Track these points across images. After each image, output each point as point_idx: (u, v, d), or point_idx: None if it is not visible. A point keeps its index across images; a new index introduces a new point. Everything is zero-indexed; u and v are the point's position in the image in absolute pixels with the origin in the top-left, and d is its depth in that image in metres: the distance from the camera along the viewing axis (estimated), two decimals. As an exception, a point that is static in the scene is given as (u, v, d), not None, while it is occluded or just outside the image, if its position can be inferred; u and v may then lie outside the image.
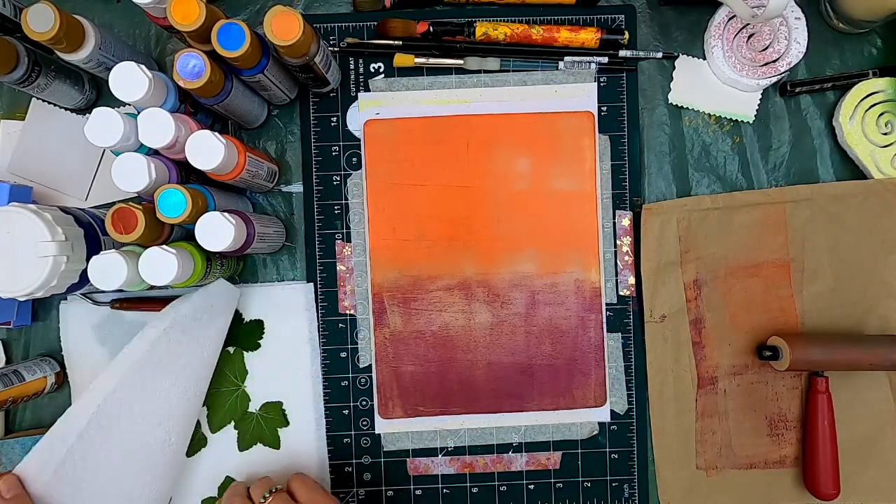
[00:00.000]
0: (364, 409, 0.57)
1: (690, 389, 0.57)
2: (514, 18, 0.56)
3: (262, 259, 0.57)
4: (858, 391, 0.56)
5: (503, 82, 0.57)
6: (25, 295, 0.43)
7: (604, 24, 0.57)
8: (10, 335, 0.57)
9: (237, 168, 0.47)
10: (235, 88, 0.48)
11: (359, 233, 0.57)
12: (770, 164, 0.57)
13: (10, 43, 0.46)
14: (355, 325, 0.57)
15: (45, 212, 0.44)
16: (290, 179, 0.57)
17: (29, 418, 0.57)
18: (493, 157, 0.56)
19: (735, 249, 0.56)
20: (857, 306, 0.57)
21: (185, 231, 0.50)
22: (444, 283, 0.57)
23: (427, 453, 0.57)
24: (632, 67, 0.57)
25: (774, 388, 0.57)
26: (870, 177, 0.56)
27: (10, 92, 0.56)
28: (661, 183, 0.58)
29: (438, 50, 0.56)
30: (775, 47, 0.55)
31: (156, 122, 0.43)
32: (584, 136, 0.57)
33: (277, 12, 0.42)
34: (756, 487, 0.57)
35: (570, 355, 0.57)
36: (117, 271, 0.43)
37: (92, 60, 0.47)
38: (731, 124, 0.58)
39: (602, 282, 0.57)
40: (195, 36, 0.44)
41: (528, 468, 0.57)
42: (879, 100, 0.55)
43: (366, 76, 0.57)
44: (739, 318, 0.57)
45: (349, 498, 0.57)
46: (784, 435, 0.57)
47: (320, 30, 0.56)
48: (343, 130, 0.57)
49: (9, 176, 0.56)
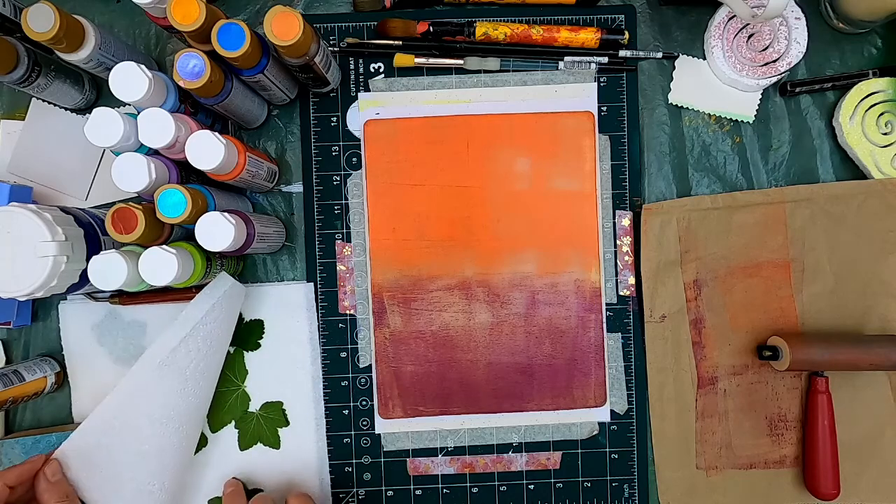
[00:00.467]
0: (364, 409, 0.57)
1: (690, 389, 0.57)
2: (514, 18, 0.56)
3: (262, 259, 0.57)
4: (858, 391, 0.56)
5: (503, 82, 0.57)
6: (25, 295, 0.43)
7: (604, 24, 0.57)
8: (10, 335, 0.57)
9: (237, 168, 0.47)
10: (235, 88, 0.48)
11: (359, 233, 0.57)
12: (770, 164, 0.57)
13: (10, 43, 0.46)
14: (355, 325, 0.57)
15: (45, 212, 0.44)
16: (290, 179, 0.57)
17: (29, 418, 0.57)
18: (493, 157, 0.56)
19: (735, 249, 0.56)
20: (857, 306, 0.57)
21: (185, 231, 0.50)
22: (444, 283, 0.57)
23: (427, 453, 0.57)
24: (632, 67, 0.57)
25: (774, 388, 0.57)
26: (870, 177, 0.56)
27: (10, 92, 0.56)
28: (661, 183, 0.58)
29: (438, 50, 0.56)
30: (775, 47, 0.55)
31: (156, 122, 0.43)
32: (584, 136, 0.57)
33: (277, 12, 0.42)
34: (756, 487, 0.57)
35: (570, 355, 0.57)
36: (117, 271, 0.43)
37: (92, 60, 0.47)
38: (731, 124, 0.58)
39: (602, 282, 0.57)
40: (195, 36, 0.44)
41: (528, 468, 0.57)
42: (879, 100, 0.55)
43: (366, 76, 0.57)
44: (739, 318, 0.57)
45: (349, 498, 0.57)
46: (784, 435, 0.57)
47: (320, 30, 0.56)
48: (343, 130, 0.57)
49: (9, 176, 0.56)
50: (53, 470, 0.47)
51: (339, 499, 0.57)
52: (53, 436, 0.54)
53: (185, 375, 0.50)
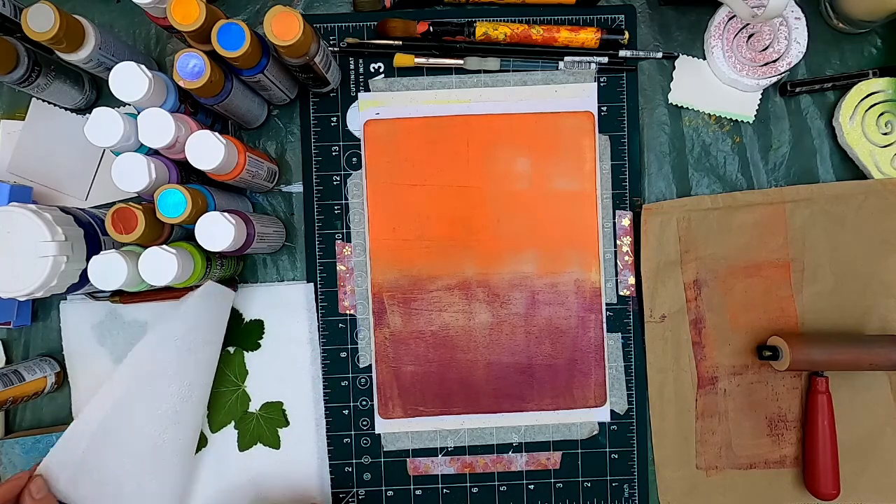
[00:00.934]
0: (364, 409, 0.57)
1: (690, 389, 0.57)
2: (514, 18, 0.56)
3: (262, 259, 0.57)
4: (858, 391, 0.56)
5: (503, 82, 0.57)
6: (25, 295, 0.43)
7: (604, 24, 0.57)
8: (10, 335, 0.57)
9: (237, 168, 0.47)
10: (235, 88, 0.48)
11: (359, 233, 0.57)
12: (770, 164, 0.57)
13: (10, 43, 0.46)
14: (355, 325, 0.57)
15: (45, 212, 0.44)
16: (290, 179, 0.57)
17: (29, 418, 0.57)
18: (493, 157, 0.56)
19: (735, 249, 0.56)
20: (857, 306, 0.57)
21: (185, 231, 0.50)
22: (444, 283, 0.57)
23: (427, 453, 0.57)
24: (632, 67, 0.57)
25: (774, 388, 0.57)
26: (870, 177, 0.56)
27: (10, 92, 0.56)
28: (661, 183, 0.58)
29: (438, 50, 0.56)
30: (775, 47, 0.55)
31: (156, 122, 0.43)
32: (584, 136, 0.57)
33: (277, 12, 0.42)
34: (756, 487, 0.57)
35: (570, 355, 0.57)
36: (117, 271, 0.43)
37: (92, 60, 0.47)
38: (731, 124, 0.58)
39: (602, 282, 0.57)
40: (195, 36, 0.44)
41: (528, 468, 0.57)
42: (879, 100, 0.55)
43: (366, 76, 0.57)
44: (739, 318, 0.57)
45: (349, 498, 0.57)
46: (784, 435, 0.57)
47: (320, 30, 0.56)
48: (343, 130, 0.57)
49: (9, 176, 0.56)
50: (38, 487, 0.46)
51: (339, 499, 0.57)
52: (53, 436, 0.54)
53: (173, 383, 0.50)
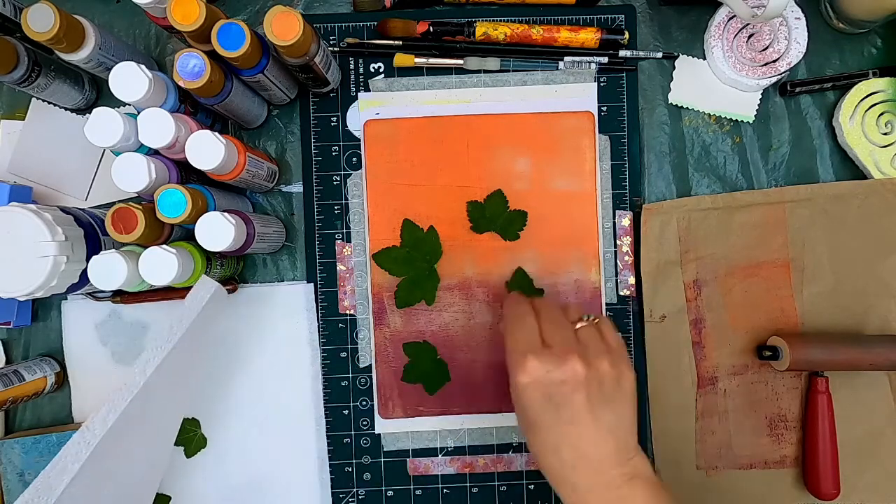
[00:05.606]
0: (364, 409, 0.57)
1: (690, 389, 0.57)
2: (514, 18, 0.56)
3: (262, 259, 0.57)
4: (858, 391, 0.56)
5: (503, 82, 0.57)
6: (25, 295, 0.43)
7: (604, 24, 0.57)
8: (10, 335, 0.57)
9: (237, 168, 0.47)
10: (235, 88, 0.48)
11: (359, 233, 0.57)
12: (770, 164, 0.57)
13: (10, 43, 0.46)
14: (355, 325, 0.57)
15: (45, 212, 0.44)
16: (290, 179, 0.57)
17: (29, 418, 0.57)
18: (494, 157, 0.56)
19: (735, 249, 0.56)
20: (857, 306, 0.57)
21: (185, 231, 0.50)
22: (444, 283, 0.57)
23: (427, 453, 0.57)
24: (632, 67, 0.57)
25: (774, 388, 0.57)
26: (870, 177, 0.56)
27: (10, 92, 0.56)
28: (661, 183, 0.58)
29: (438, 50, 0.56)
30: (775, 47, 0.55)
31: (156, 122, 0.43)
32: (584, 136, 0.57)
33: (277, 12, 0.42)
34: (756, 487, 0.57)
35: (570, 355, 0.57)
36: (117, 271, 0.43)
37: (92, 60, 0.47)
38: (731, 124, 0.57)
39: (602, 282, 0.57)
40: (195, 36, 0.44)
41: (528, 468, 0.57)
42: (879, 100, 0.55)
43: (366, 76, 0.57)
44: (739, 318, 0.57)
45: (349, 498, 0.57)
46: (784, 435, 0.57)
47: (320, 30, 0.56)
48: (343, 130, 0.57)
49: (9, 176, 0.56)
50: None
51: (339, 499, 0.57)
52: (53, 436, 0.55)
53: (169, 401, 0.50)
